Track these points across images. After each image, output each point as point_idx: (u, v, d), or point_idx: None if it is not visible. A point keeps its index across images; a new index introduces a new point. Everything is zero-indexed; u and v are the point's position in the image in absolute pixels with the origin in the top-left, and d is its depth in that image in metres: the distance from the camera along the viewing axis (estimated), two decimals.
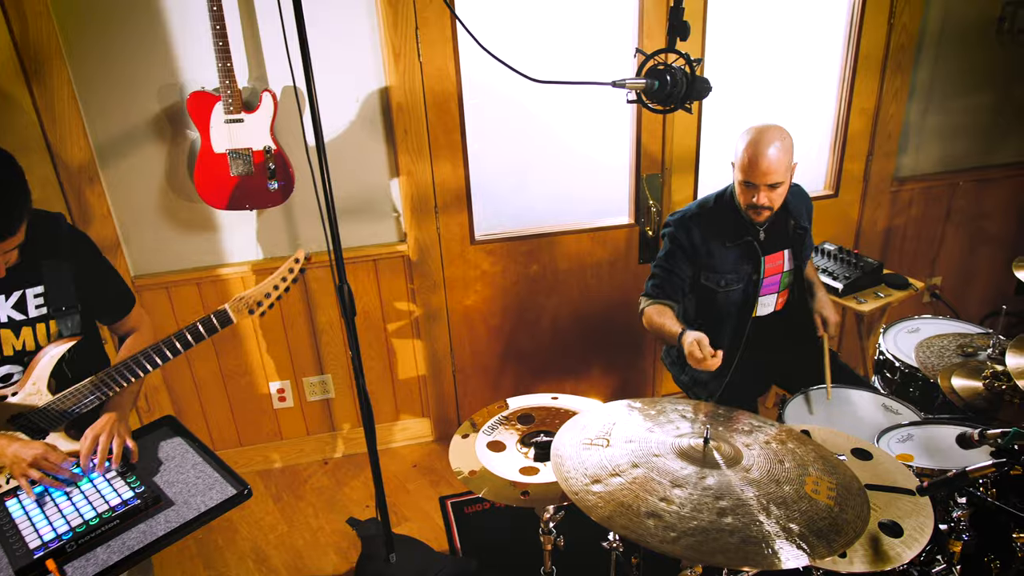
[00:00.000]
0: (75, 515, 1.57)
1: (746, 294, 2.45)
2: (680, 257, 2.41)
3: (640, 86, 1.28)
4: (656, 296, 2.42)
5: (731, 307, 2.46)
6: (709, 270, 2.42)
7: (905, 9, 3.05)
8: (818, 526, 1.22)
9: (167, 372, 2.96)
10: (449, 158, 2.89)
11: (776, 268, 2.48)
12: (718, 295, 2.44)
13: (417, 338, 3.16)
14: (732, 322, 2.47)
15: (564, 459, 1.40)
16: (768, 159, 2.19)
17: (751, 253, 2.42)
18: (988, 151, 3.51)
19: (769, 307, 2.55)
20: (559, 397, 1.94)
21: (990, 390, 1.86)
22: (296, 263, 1.83)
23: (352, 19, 2.62)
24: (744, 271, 2.42)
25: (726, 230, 2.40)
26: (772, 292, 2.52)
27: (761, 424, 1.62)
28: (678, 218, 2.45)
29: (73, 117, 2.51)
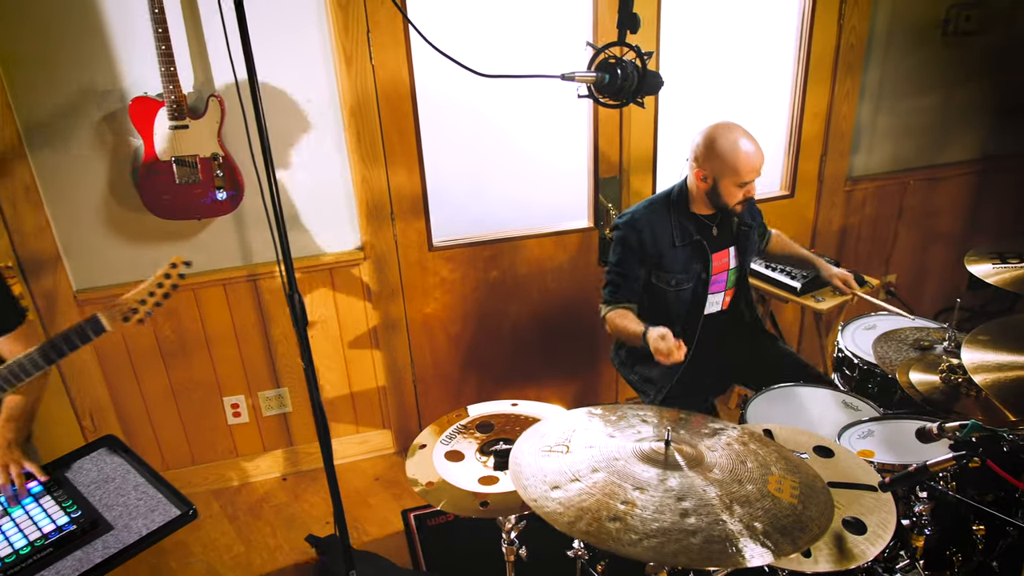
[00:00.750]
0: (3, 544, 1.48)
1: (696, 293, 2.45)
2: (631, 259, 2.40)
3: (590, 79, 1.25)
4: (615, 301, 2.41)
5: (681, 306, 2.46)
6: (659, 270, 2.41)
7: (854, 11, 3.10)
8: (782, 523, 1.20)
9: (113, 389, 2.84)
10: (404, 163, 2.84)
11: (723, 266, 2.49)
12: (668, 295, 2.44)
13: (376, 348, 3.09)
14: (681, 321, 2.47)
15: (523, 467, 1.35)
16: (761, 153, 2.25)
17: (700, 252, 2.42)
18: (936, 150, 3.59)
19: (716, 305, 2.56)
20: (519, 403, 1.90)
21: (947, 384, 1.87)
22: (172, 268, 1.74)
23: (301, 23, 2.56)
24: (694, 270, 2.42)
25: (675, 230, 2.40)
26: (719, 290, 2.53)
27: (723, 426, 1.59)
28: (627, 219, 2.44)
29: (7, 126, 2.39)
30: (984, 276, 2.02)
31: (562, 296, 3.22)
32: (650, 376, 2.52)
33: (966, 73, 3.45)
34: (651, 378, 2.52)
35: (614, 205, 3.09)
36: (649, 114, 3.01)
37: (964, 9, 3.28)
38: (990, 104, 3.57)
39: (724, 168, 2.26)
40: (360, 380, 3.13)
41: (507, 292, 3.15)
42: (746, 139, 2.25)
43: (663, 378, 2.46)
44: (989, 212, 3.79)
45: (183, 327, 2.83)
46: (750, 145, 2.25)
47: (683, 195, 2.42)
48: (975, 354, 1.62)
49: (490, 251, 3.04)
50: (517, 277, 3.13)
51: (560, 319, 3.26)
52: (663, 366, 2.45)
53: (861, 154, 3.45)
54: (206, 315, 2.85)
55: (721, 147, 2.25)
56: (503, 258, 3.07)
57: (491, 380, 3.30)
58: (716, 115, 2.35)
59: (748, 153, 2.24)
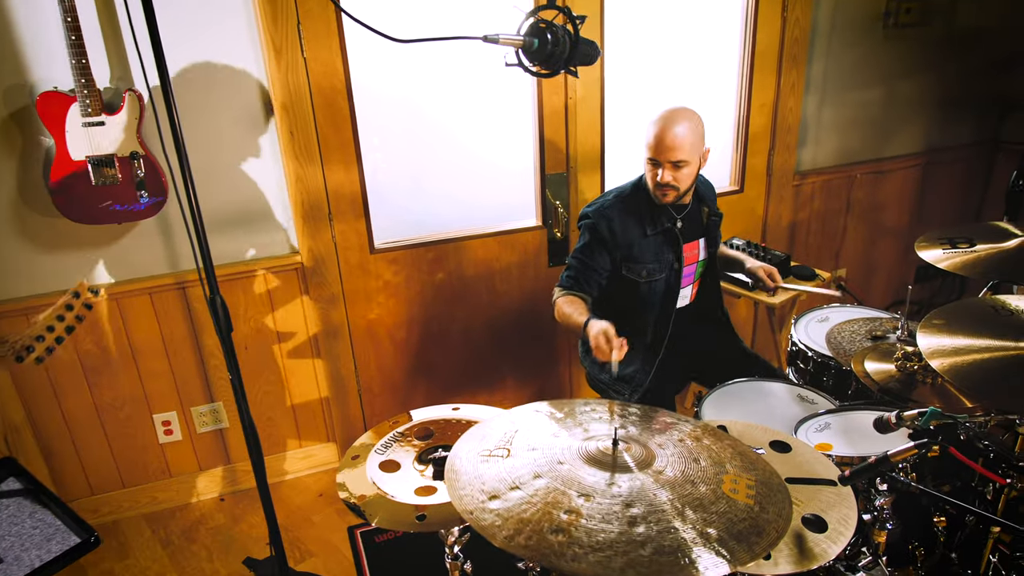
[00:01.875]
0: None
1: (668, 284, 2.37)
2: (598, 249, 2.31)
3: (517, 43, 1.15)
4: (570, 288, 2.31)
5: (654, 299, 2.38)
6: (630, 261, 2.33)
7: (797, 3, 3.08)
8: (738, 528, 1.11)
9: (30, 408, 2.63)
10: (342, 162, 2.70)
11: (693, 257, 2.43)
12: (641, 286, 2.35)
13: (317, 357, 2.94)
14: (655, 315, 2.38)
15: (459, 474, 1.24)
16: (672, 135, 2.15)
17: (672, 240, 2.34)
18: (881, 143, 3.60)
19: (686, 299, 2.49)
20: (460, 407, 1.78)
21: (903, 371, 1.82)
22: (75, 297, 1.52)
23: (227, 12, 2.41)
24: (666, 260, 2.35)
25: (645, 219, 2.33)
26: (689, 283, 2.48)
27: (675, 421, 1.50)
28: (596, 208, 2.35)
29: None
30: (935, 261, 1.98)
31: (512, 298, 3.11)
32: (624, 375, 2.40)
33: (908, 66, 3.47)
34: (625, 377, 2.40)
35: (562, 203, 3.00)
36: (596, 109, 2.94)
37: (904, 2, 3.30)
38: (932, 97, 3.60)
39: (645, 143, 2.23)
40: (301, 391, 2.97)
41: (454, 295, 3.03)
42: (667, 117, 2.17)
43: (638, 376, 2.36)
44: (934, 204, 3.83)
45: (106, 340, 2.64)
46: (662, 122, 2.17)
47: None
48: (930, 339, 1.57)
49: (434, 252, 2.92)
50: (464, 279, 3.01)
51: (511, 322, 3.15)
52: (637, 365, 2.37)
53: (808, 148, 3.43)
54: (131, 327, 2.66)
55: (650, 120, 2.22)
56: (448, 260, 2.95)
57: (441, 387, 3.17)
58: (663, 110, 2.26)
59: (655, 127, 2.18)
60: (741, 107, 3.23)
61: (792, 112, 3.28)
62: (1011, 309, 1.64)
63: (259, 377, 2.88)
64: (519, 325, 3.16)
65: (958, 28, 3.48)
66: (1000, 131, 3.79)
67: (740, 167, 3.33)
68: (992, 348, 1.51)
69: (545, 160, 2.95)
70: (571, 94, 2.87)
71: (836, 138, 3.48)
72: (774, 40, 3.13)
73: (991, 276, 1.90)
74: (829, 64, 3.31)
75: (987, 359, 1.48)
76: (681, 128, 2.15)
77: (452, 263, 2.97)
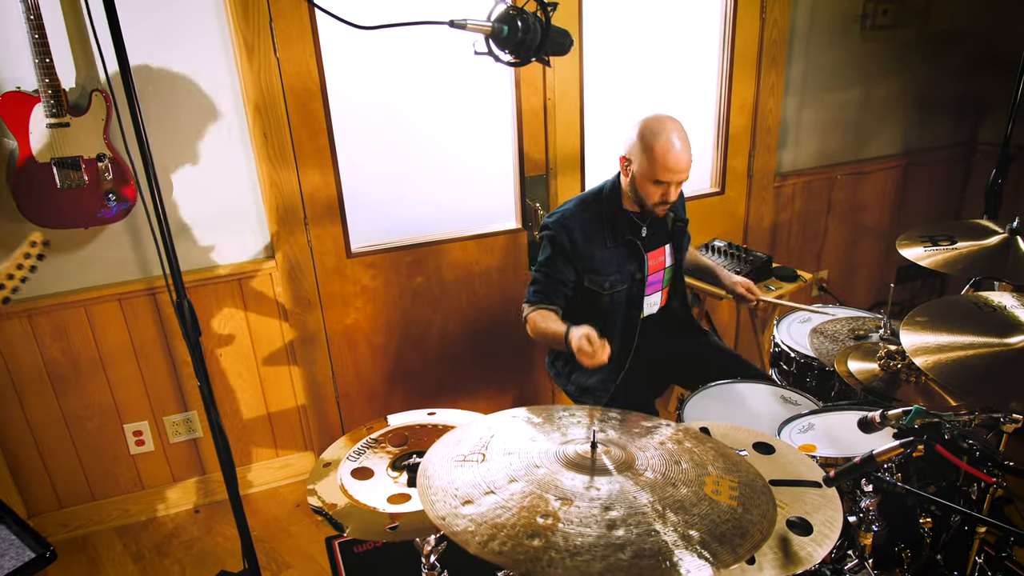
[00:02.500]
0: None
1: (631, 294, 2.33)
2: (561, 260, 2.26)
3: (485, 29, 1.11)
4: (539, 302, 2.27)
5: (617, 309, 2.33)
6: (592, 272, 2.28)
7: (775, 4, 3.08)
8: (721, 530, 1.07)
9: None
10: (317, 165, 2.65)
11: (659, 265, 2.39)
12: (603, 297, 2.30)
13: (294, 364, 2.87)
14: (620, 325, 2.34)
15: (432, 480, 1.19)
16: (685, 156, 2.10)
17: (634, 252, 2.30)
18: (861, 145, 3.60)
19: (655, 306, 2.45)
20: (436, 412, 1.73)
21: (886, 370, 1.79)
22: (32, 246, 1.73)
23: (197, 10, 2.36)
24: (628, 271, 2.30)
25: (607, 229, 2.27)
26: (656, 290, 2.43)
27: (656, 424, 1.46)
28: (556, 219, 2.29)
29: None
30: (917, 259, 1.96)
31: (492, 302, 3.07)
32: (588, 385, 2.38)
33: (886, 67, 3.48)
34: (589, 387, 2.37)
35: (542, 205, 2.97)
36: (575, 110, 2.91)
37: (881, 3, 3.31)
38: (911, 98, 3.61)
39: (643, 161, 2.13)
40: (277, 399, 2.91)
41: (433, 299, 2.98)
42: (675, 136, 2.09)
43: (602, 387, 2.32)
44: (914, 205, 3.83)
45: (74, 348, 2.57)
46: (673, 143, 2.09)
47: (615, 191, 2.30)
48: (914, 336, 1.54)
49: (412, 256, 2.87)
50: (443, 283, 2.97)
51: (491, 326, 3.10)
52: (601, 374, 2.33)
53: (788, 149, 3.43)
54: (100, 334, 2.59)
55: (645, 139, 2.12)
56: (427, 263, 2.91)
57: (421, 393, 3.11)
58: (644, 111, 2.22)
59: (668, 151, 2.08)
60: (721, 108, 3.22)
61: (772, 113, 3.27)
62: (994, 305, 1.62)
63: (233, 385, 2.81)
64: (499, 329, 3.11)
65: (934, 30, 3.50)
66: (977, 132, 3.81)
67: (721, 169, 3.31)
68: (976, 345, 1.49)
69: (524, 162, 2.91)
70: (550, 95, 2.84)
71: (816, 139, 3.48)
72: (753, 40, 3.12)
73: (973, 273, 1.89)
74: (808, 65, 3.30)
75: (971, 356, 1.46)
76: (687, 145, 2.11)
77: (431, 267, 2.92)
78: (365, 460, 1.56)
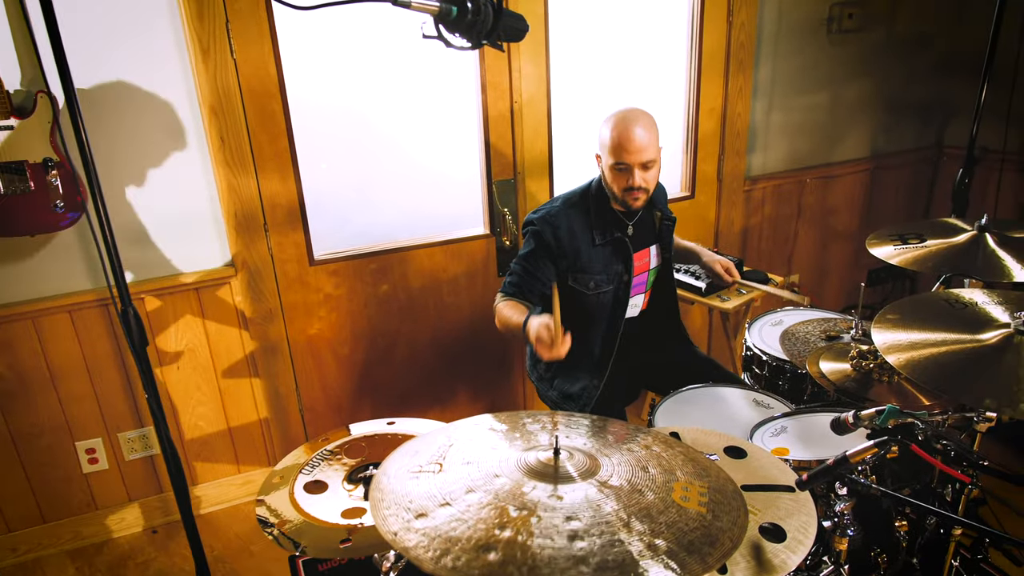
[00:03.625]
0: None
1: (617, 296, 2.27)
2: (543, 257, 2.20)
3: (432, 9, 1.05)
4: (512, 295, 2.20)
5: (602, 311, 2.27)
6: (577, 271, 2.22)
7: (742, 7, 3.07)
8: (689, 538, 1.01)
9: None
10: (277, 169, 2.57)
11: (644, 266, 2.33)
12: (588, 298, 2.24)
13: (255, 376, 2.77)
14: (602, 327, 2.28)
15: (385, 493, 1.12)
16: (639, 135, 2.06)
17: (621, 251, 2.25)
18: (830, 148, 3.60)
19: (636, 308, 2.40)
20: (396, 422, 1.66)
21: (858, 370, 1.76)
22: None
23: (149, 9, 2.27)
24: (614, 271, 2.24)
25: (594, 227, 2.22)
26: (640, 292, 2.37)
27: (623, 429, 1.40)
28: (542, 215, 2.23)
29: None
30: (887, 257, 1.94)
31: (460, 309, 3.00)
32: (571, 392, 2.30)
33: (853, 71, 3.49)
34: (572, 394, 2.29)
35: (510, 210, 2.91)
36: (542, 113, 2.87)
37: (847, 7, 3.32)
38: (878, 102, 3.63)
39: (604, 150, 2.12)
40: (238, 413, 2.81)
41: (400, 308, 2.90)
42: (629, 119, 2.07)
43: (585, 393, 2.25)
44: (883, 208, 3.84)
45: (21, 363, 2.45)
46: (628, 124, 2.06)
47: (601, 189, 2.25)
48: (885, 334, 1.51)
49: (377, 263, 2.80)
50: (410, 291, 2.89)
51: (460, 334, 3.03)
52: (586, 380, 2.26)
53: (758, 153, 3.41)
54: (50, 347, 2.47)
55: (605, 127, 2.11)
56: (393, 271, 2.83)
57: (389, 404, 3.03)
58: None
59: (622, 131, 2.06)
60: (690, 112, 3.20)
61: (741, 117, 3.26)
62: (965, 302, 1.59)
63: (191, 398, 2.71)
64: (469, 337, 3.04)
65: (899, 34, 3.52)
66: (944, 135, 3.84)
67: (691, 173, 3.29)
68: (948, 342, 1.45)
69: (491, 166, 2.86)
70: (516, 98, 2.80)
71: (785, 143, 3.47)
72: (721, 43, 3.11)
73: (943, 270, 1.87)
74: (776, 69, 3.30)
75: (943, 353, 1.42)
76: (644, 126, 2.07)
77: (397, 274, 2.85)
78: (319, 473, 1.48)
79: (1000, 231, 1.94)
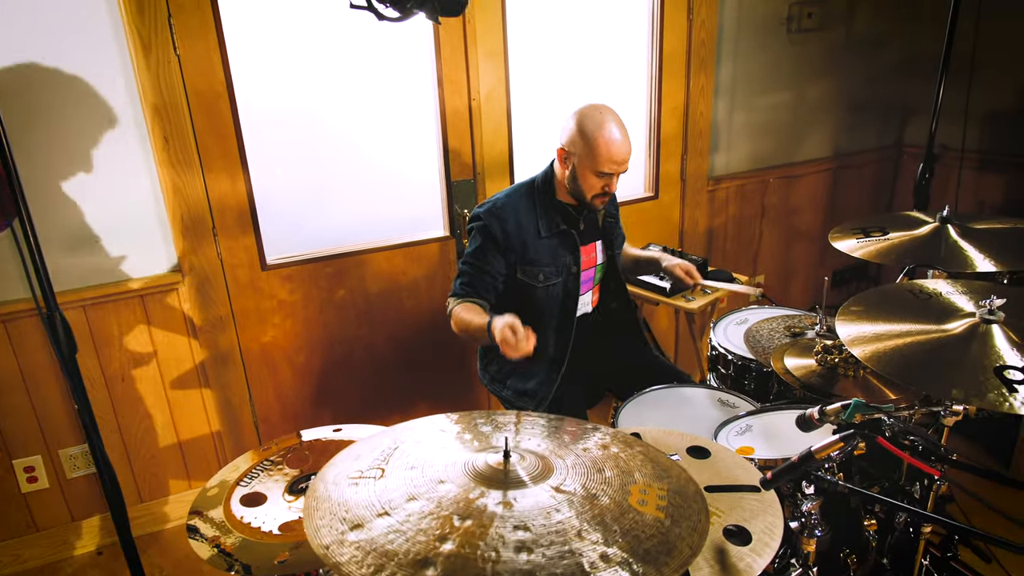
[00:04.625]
0: None
1: (567, 288, 2.21)
2: (492, 251, 2.14)
3: None
4: (465, 295, 2.13)
5: (553, 305, 2.21)
6: (525, 263, 2.16)
7: (702, 5, 3.04)
8: (645, 546, 0.94)
9: None
10: (226, 170, 2.47)
11: (590, 261, 2.28)
12: (537, 291, 2.18)
13: (206, 387, 2.66)
14: (555, 322, 2.22)
15: (320, 502, 1.03)
16: (626, 146, 2.03)
17: (568, 243, 2.19)
18: (792, 148, 3.59)
19: (587, 306, 2.34)
20: (342, 427, 1.57)
21: (823, 365, 1.71)
22: None
23: (84, 3, 2.17)
24: (563, 263, 2.19)
25: (541, 219, 2.17)
26: (587, 289, 2.32)
27: (582, 430, 1.33)
28: (488, 208, 2.17)
29: None
30: (850, 251, 1.90)
31: (420, 314, 2.91)
32: (526, 389, 2.24)
33: (814, 70, 3.49)
34: (527, 391, 2.23)
35: (471, 211, 2.83)
36: (502, 111, 2.80)
37: (805, 6, 3.31)
38: (839, 101, 3.63)
39: (584, 152, 2.04)
40: (189, 426, 2.68)
41: (358, 313, 2.81)
42: (614, 126, 2.03)
43: (541, 390, 2.19)
44: (845, 207, 3.85)
45: None
46: (615, 133, 2.02)
47: (548, 182, 2.19)
48: (850, 327, 1.46)
49: (333, 267, 2.70)
50: (368, 296, 2.80)
51: (421, 339, 2.95)
52: (540, 376, 2.20)
53: (721, 153, 3.39)
54: None
55: (585, 129, 2.03)
56: (349, 275, 2.74)
57: (348, 413, 2.92)
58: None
59: (610, 140, 2.01)
60: (652, 110, 3.16)
61: (703, 116, 3.23)
62: (929, 292, 1.55)
63: (138, 411, 2.58)
64: (430, 342, 2.96)
65: (858, 34, 3.53)
66: (904, 135, 3.86)
67: (654, 173, 3.24)
68: (913, 332, 1.41)
69: (450, 166, 2.79)
70: (475, 96, 2.73)
71: (748, 143, 3.45)
72: (682, 41, 3.08)
73: (906, 261, 1.84)
74: (737, 68, 3.28)
75: (908, 344, 1.38)
76: (626, 133, 2.04)
77: (354, 279, 2.75)
78: (258, 484, 1.38)
79: (962, 223, 1.92)
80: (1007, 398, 1.19)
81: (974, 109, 3.24)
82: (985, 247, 1.80)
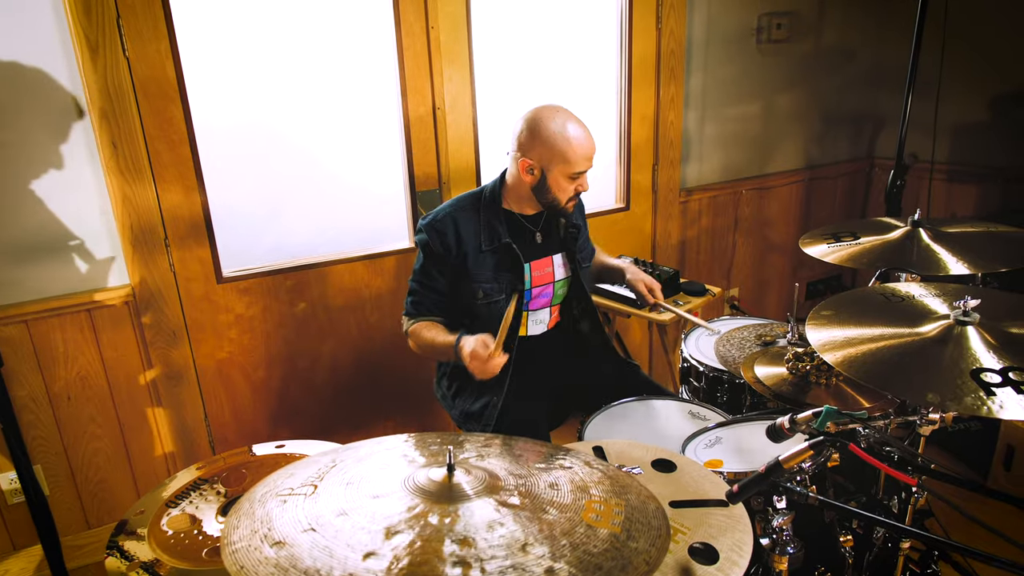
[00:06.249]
0: None
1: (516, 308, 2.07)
2: (434, 267, 2.05)
3: None
4: (417, 314, 2.05)
5: (494, 323, 2.04)
6: (465, 278, 2.05)
7: (671, 14, 3.02)
8: (596, 562, 0.85)
9: None
10: (179, 179, 2.37)
11: (545, 277, 2.14)
12: (478, 308, 2.06)
13: (158, 405, 2.53)
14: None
15: (241, 519, 0.93)
16: (591, 139, 1.97)
17: (510, 259, 2.06)
18: (764, 159, 3.57)
19: (542, 324, 2.20)
20: (285, 444, 1.47)
21: (794, 373, 1.64)
22: None
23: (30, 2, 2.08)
24: (504, 279, 2.07)
25: (483, 231, 2.06)
26: (543, 306, 2.18)
27: (539, 446, 1.25)
28: (428, 221, 2.07)
29: None
30: (821, 256, 1.85)
31: (385, 328, 2.82)
32: (471, 411, 2.12)
33: (784, 82, 3.47)
34: (473, 412, 2.12)
35: None
36: (467, 120, 2.74)
37: (775, 17, 3.30)
38: (810, 113, 3.62)
39: (553, 156, 1.95)
40: (140, 447, 2.55)
41: (320, 327, 2.71)
42: (575, 123, 1.96)
43: (487, 412, 2.07)
44: (818, 218, 3.82)
45: None
46: (580, 130, 1.96)
47: (495, 192, 2.10)
48: (821, 332, 1.39)
49: (293, 280, 2.61)
50: (330, 309, 2.70)
51: (387, 355, 2.85)
52: (488, 396, 2.09)
53: (692, 164, 3.35)
54: None
55: (548, 132, 1.94)
56: (311, 288, 2.64)
57: (311, 432, 2.80)
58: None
59: (578, 138, 1.94)
60: (622, 120, 3.11)
61: (674, 126, 3.19)
62: (902, 295, 1.49)
63: (86, 432, 2.45)
64: (396, 358, 2.86)
65: (827, 45, 3.53)
66: (874, 147, 3.85)
67: (625, 183, 3.19)
68: (885, 336, 1.35)
69: (414, 176, 2.71)
70: (439, 103, 2.66)
71: (720, 154, 3.42)
72: (651, 50, 3.04)
73: (878, 265, 1.78)
74: (708, 78, 3.25)
75: (881, 348, 1.31)
76: (585, 126, 1.99)
77: (315, 291, 2.66)
78: (187, 507, 1.27)
79: (934, 226, 1.88)
80: (984, 401, 1.13)
81: (943, 121, 3.23)
82: (957, 250, 1.76)
